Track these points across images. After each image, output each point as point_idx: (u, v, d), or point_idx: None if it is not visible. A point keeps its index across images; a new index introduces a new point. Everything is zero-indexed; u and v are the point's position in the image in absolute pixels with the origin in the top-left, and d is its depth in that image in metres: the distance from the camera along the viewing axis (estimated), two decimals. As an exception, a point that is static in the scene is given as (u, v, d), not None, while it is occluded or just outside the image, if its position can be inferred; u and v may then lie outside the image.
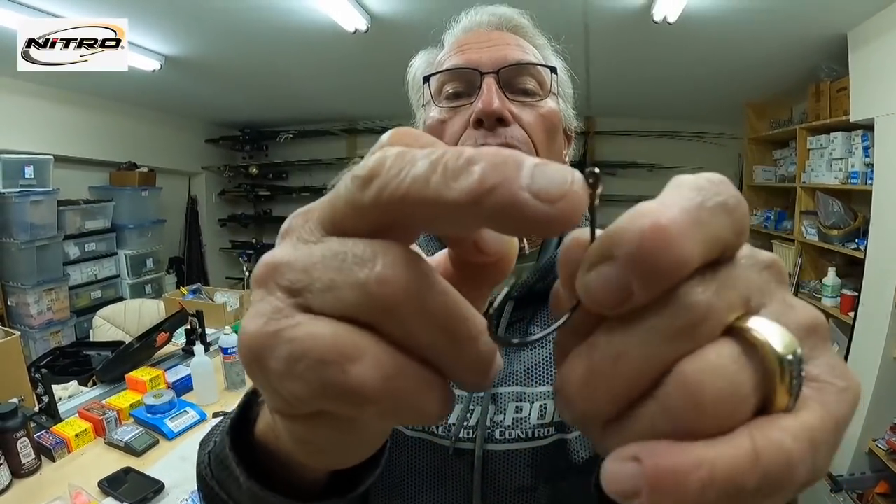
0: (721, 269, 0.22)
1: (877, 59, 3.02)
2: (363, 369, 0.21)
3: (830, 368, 0.23)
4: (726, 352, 0.21)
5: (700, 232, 0.21)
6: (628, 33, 3.41)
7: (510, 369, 0.79)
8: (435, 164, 0.21)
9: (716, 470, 0.19)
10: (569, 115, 0.91)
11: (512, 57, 0.80)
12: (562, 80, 0.88)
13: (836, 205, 3.57)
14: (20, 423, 1.67)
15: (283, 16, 3.23)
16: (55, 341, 4.37)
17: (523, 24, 0.86)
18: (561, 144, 0.87)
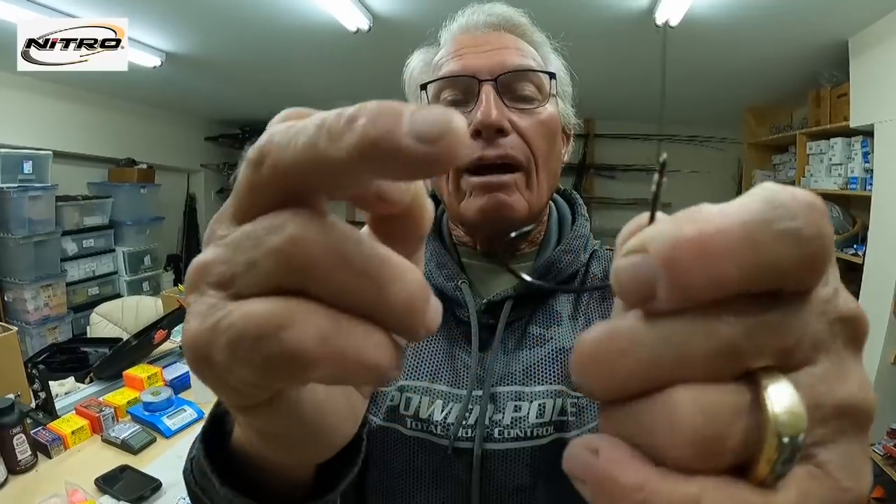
0: (775, 306, 0.20)
1: (877, 65, 3.03)
2: (298, 333, 0.21)
3: (845, 462, 0.21)
4: (729, 400, 0.19)
5: (752, 256, 0.19)
6: (630, 37, 3.41)
7: (509, 369, 0.79)
8: (319, 128, 0.22)
9: (650, 501, 0.19)
10: (567, 113, 0.90)
11: (510, 63, 0.78)
12: (560, 79, 0.87)
13: (835, 210, 3.58)
14: (16, 420, 1.66)
15: (285, 14, 3.22)
16: (52, 337, 4.36)
17: (521, 24, 0.85)
18: (560, 148, 0.86)
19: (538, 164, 0.79)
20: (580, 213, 0.93)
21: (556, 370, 0.78)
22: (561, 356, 0.79)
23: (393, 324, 0.23)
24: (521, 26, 0.85)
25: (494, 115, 0.74)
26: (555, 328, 0.82)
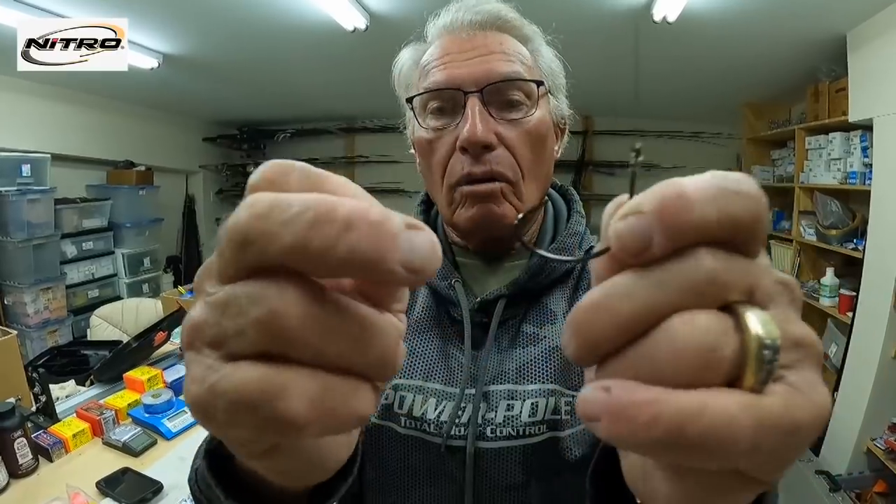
0: (738, 257, 0.24)
1: (876, 59, 3.02)
2: (290, 402, 0.23)
3: (808, 383, 0.24)
4: (716, 321, 0.23)
5: (716, 204, 0.23)
6: (628, 33, 3.41)
7: (502, 367, 0.80)
8: (310, 226, 0.22)
9: (663, 410, 0.22)
10: (560, 108, 0.89)
11: (496, 72, 0.77)
12: (552, 72, 0.86)
13: (834, 205, 3.58)
14: (17, 423, 1.66)
15: (282, 14, 3.22)
16: (52, 340, 4.35)
17: (510, 20, 0.82)
18: (551, 148, 0.85)
19: (524, 173, 0.79)
20: (576, 209, 0.93)
21: (549, 369, 0.79)
22: (554, 355, 0.79)
23: (372, 375, 0.26)
24: (509, 22, 0.82)
25: (479, 132, 0.74)
26: (548, 327, 0.82)
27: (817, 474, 2.96)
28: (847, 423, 3.19)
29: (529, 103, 0.79)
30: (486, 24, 0.81)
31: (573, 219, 0.91)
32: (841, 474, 3.06)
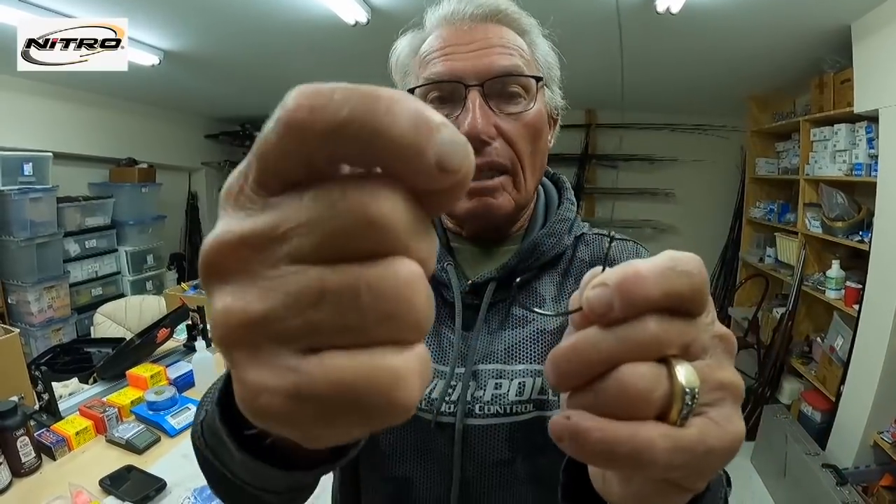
0: (679, 321, 0.31)
1: (881, 50, 3.00)
2: (409, 390, 0.22)
3: (725, 417, 0.32)
4: (653, 370, 0.30)
5: (663, 283, 0.30)
6: (631, 24, 3.39)
7: (491, 348, 0.83)
8: (362, 101, 0.22)
9: (604, 437, 0.29)
10: (553, 99, 0.91)
11: (497, 66, 0.78)
12: (548, 64, 0.89)
13: (839, 197, 3.55)
14: (20, 422, 1.65)
15: (283, 8, 3.21)
16: (56, 339, 4.36)
17: (509, 13, 0.83)
18: (545, 143, 0.87)
19: (524, 164, 0.82)
20: (566, 196, 0.96)
21: (536, 350, 0.82)
22: (542, 337, 0.83)
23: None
24: (509, 15, 0.83)
25: (480, 126, 0.76)
26: (537, 309, 0.87)
27: (824, 468, 2.94)
28: (854, 416, 3.18)
29: (528, 97, 0.81)
30: (486, 16, 0.81)
31: (563, 205, 0.93)
32: (848, 468, 3.05)
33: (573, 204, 0.95)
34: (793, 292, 4.03)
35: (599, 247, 0.92)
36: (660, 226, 6.05)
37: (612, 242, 0.88)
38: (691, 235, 6.07)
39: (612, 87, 5.05)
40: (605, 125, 6.05)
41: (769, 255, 4.92)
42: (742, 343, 4.74)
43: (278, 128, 0.23)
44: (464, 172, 0.23)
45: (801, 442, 3.26)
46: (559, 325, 0.83)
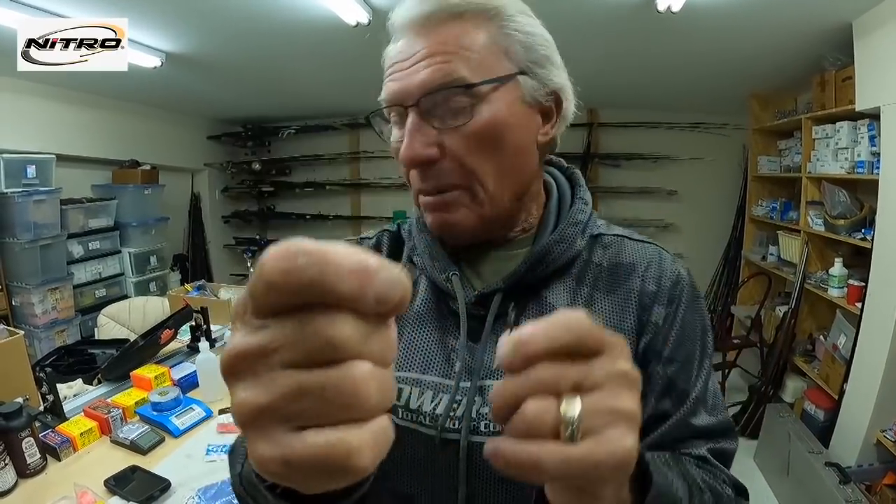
0: (574, 364, 0.38)
1: (882, 47, 3.00)
2: (360, 458, 0.30)
3: (614, 437, 0.38)
4: (545, 404, 0.37)
5: (546, 342, 0.37)
6: (632, 25, 3.39)
7: (493, 361, 0.79)
8: (322, 261, 0.30)
9: (514, 453, 0.37)
10: (546, 82, 0.79)
11: (431, 81, 0.72)
12: (530, 45, 0.77)
13: (842, 195, 3.55)
14: (25, 423, 1.66)
15: (285, 10, 3.21)
16: (60, 340, 4.37)
17: (457, 8, 0.74)
18: (514, 144, 0.78)
19: (480, 177, 0.76)
20: (579, 195, 0.90)
21: None
22: None
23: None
24: (457, 9, 0.74)
25: (412, 152, 0.74)
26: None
27: (827, 466, 2.94)
28: (856, 414, 3.17)
29: (476, 101, 0.74)
30: (430, 18, 0.74)
31: (575, 206, 0.88)
32: (851, 466, 3.04)
33: (587, 203, 0.89)
34: (795, 290, 4.03)
35: (619, 250, 0.87)
36: (662, 224, 6.05)
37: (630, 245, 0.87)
38: (694, 234, 6.06)
39: (614, 87, 5.05)
40: (607, 124, 6.04)
41: (772, 253, 4.92)
42: (745, 342, 4.75)
43: (261, 284, 0.30)
44: (397, 302, 0.31)
45: (804, 440, 3.26)
46: None
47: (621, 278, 0.84)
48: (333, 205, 6.98)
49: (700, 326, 0.83)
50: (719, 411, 0.81)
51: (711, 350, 0.85)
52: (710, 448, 0.78)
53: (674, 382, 0.78)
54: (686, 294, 0.83)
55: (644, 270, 0.84)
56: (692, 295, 0.84)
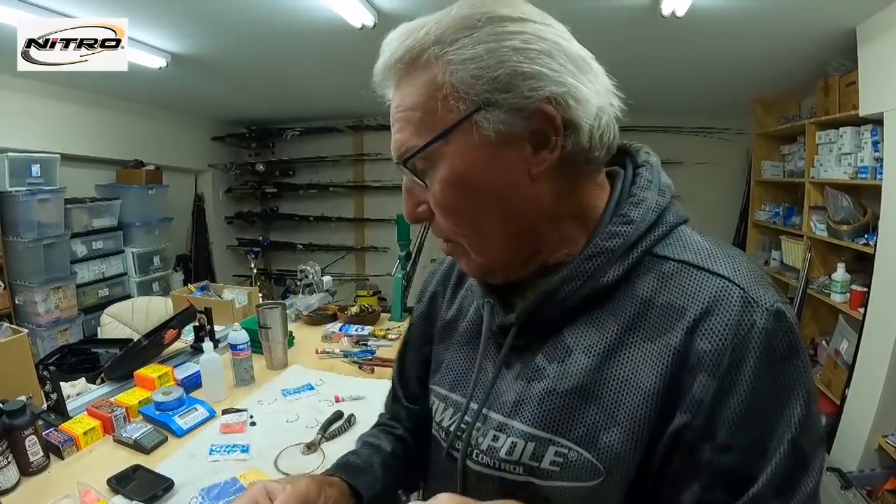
0: None
1: (886, 53, 3.00)
2: None
3: None
4: None
5: None
6: (636, 28, 3.39)
7: (505, 397, 0.76)
8: None
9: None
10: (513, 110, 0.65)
11: (400, 146, 0.70)
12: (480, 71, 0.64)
13: (845, 200, 3.55)
14: (28, 421, 1.66)
15: (290, 12, 3.22)
16: (63, 339, 4.39)
17: (403, 58, 0.70)
18: (490, 188, 0.68)
19: (462, 233, 0.72)
20: (622, 210, 0.73)
21: (539, 411, 0.72)
22: (551, 398, 0.71)
23: None
24: (404, 64, 0.71)
25: (407, 212, 0.75)
26: (556, 364, 0.72)
27: (828, 471, 2.94)
28: (858, 420, 3.17)
29: (430, 164, 0.69)
30: (387, 74, 0.73)
31: (612, 225, 0.72)
32: (852, 471, 3.04)
33: (627, 223, 0.71)
34: (798, 295, 4.03)
35: (678, 283, 0.68)
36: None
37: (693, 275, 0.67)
38: (696, 238, 6.06)
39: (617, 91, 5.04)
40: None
41: (774, 257, 4.91)
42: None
43: None
44: None
45: (805, 445, 3.25)
46: (575, 386, 0.69)
47: (666, 322, 0.66)
48: (337, 206, 6.99)
49: (792, 398, 0.61)
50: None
51: (816, 430, 0.63)
52: None
53: (729, 474, 0.61)
54: (760, 354, 0.60)
55: (698, 317, 0.64)
56: (775, 355, 0.61)
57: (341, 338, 2.90)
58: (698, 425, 0.61)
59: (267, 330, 2.47)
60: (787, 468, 0.59)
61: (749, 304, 0.62)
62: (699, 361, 0.62)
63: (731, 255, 0.70)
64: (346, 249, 7.08)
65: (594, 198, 0.75)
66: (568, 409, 0.69)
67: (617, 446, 0.65)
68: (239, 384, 2.35)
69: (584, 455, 0.66)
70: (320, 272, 3.73)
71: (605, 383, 0.67)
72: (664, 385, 0.63)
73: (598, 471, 0.65)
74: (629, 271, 0.70)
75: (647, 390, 0.64)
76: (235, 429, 1.96)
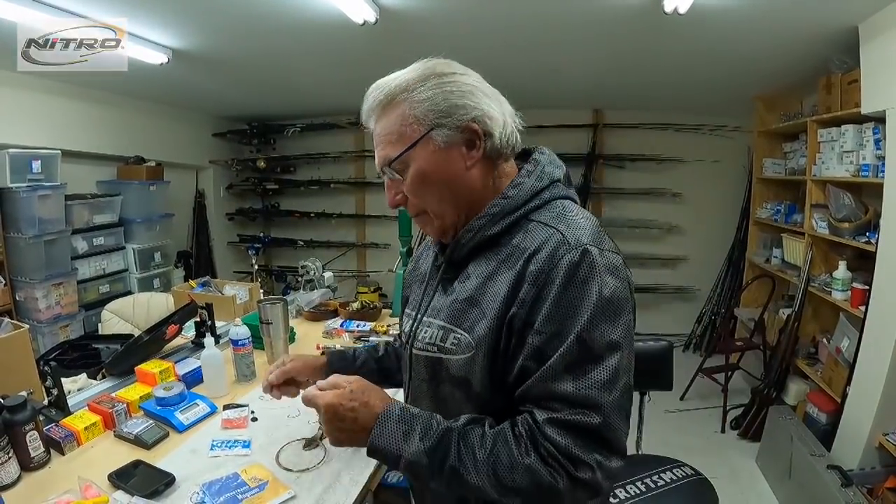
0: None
1: (888, 50, 2.99)
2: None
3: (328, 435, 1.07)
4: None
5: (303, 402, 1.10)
6: (638, 24, 3.39)
7: (433, 305, 1.20)
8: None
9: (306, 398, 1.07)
10: (457, 125, 1.06)
11: (379, 161, 1.14)
12: (431, 108, 1.06)
13: (846, 198, 3.55)
14: (29, 416, 1.66)
15: (291, 8, 3.22)
16: (64, 335, 4.39)
17: (377, 105, 1.11)
18: (446, 180, 1.10)
19: (430, 206, 1.13)
20: (505, 189, 1.12)
21: (447, 312, 1.13)
22: (455, 304, 1.12)
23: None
24: (378, 106, 1.11)
25: (390, 200, 1.17)
26: (460, 284, 1.14)
27: (829, 469, 2.94)
28: (859, 417, 3.17)
29: (404, 165, 1.10)
30: (369, 117, 1.14)
31: (493, 202, 1.12)
32: (853, 469, 3.04)
33: (504, 198, 1.11)
34: (799, 293, 4.03)
35: (531, 234, 1.06)
36: (667, 226, 6.04)
37: (539, 229, 1.06)
38: (698, 236, 6.07)
39: (620, 88, 5.05)
40: (612, 125, 6.04)
41: (776, 255, 4.91)
42: (748, 344, 4.75)
43: None
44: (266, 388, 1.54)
45: (806, 443, 3.26)
46: (468, 296, 1.09)
47: (518, 257, 1.03)
48: (338, 203, 6.99)
49: (584, 306, 0.94)
50: (590, 388, 0.93)
51: (604, 332, 0.95)
52: (556, 418, 0.94)
53: (540, 350, 0.96)
54: (563, 275, 0.96)
55: (532, 253, 1.01)
56: (577, 277, 0.96)
57: (342, 333, 2.91)
58: (523, 315, 0.99)
59: (268, 325, 2.47)
60: (574, 354, 0.94)
61: (563, 244, 0.99)
62: (527, 277, 0.99)
63: (575, 220, 1.06)
64: (346, 246, 7.09)
65: (500, 182, 1.14)
66: (462, 310, 1.09)
67: (483, 331, 1.04)
68: (240, 380, 2.35)
69: (467, 337, 1.06)
70: (321, 268, 3.73)
71: (483, 295, 1.06)
72: (510, 292, 1.01)
73: (471, 346, 1.05)
74: (509, 227, 1.09)
75: (501, 297, 1.02)
76: (237, 424, 1.96)
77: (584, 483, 0.93)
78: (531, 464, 0.94)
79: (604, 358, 0.94)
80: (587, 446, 0.93)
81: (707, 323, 5.97)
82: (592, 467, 0.92)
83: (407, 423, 1.03)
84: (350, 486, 1.61)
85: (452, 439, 1.00)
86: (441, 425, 1.02)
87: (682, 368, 3.65)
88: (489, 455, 0.97)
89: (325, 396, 1.05)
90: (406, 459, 1.00)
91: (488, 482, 0.96)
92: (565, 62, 4.11)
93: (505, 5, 3.15)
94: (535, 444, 0.95)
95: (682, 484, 2.36)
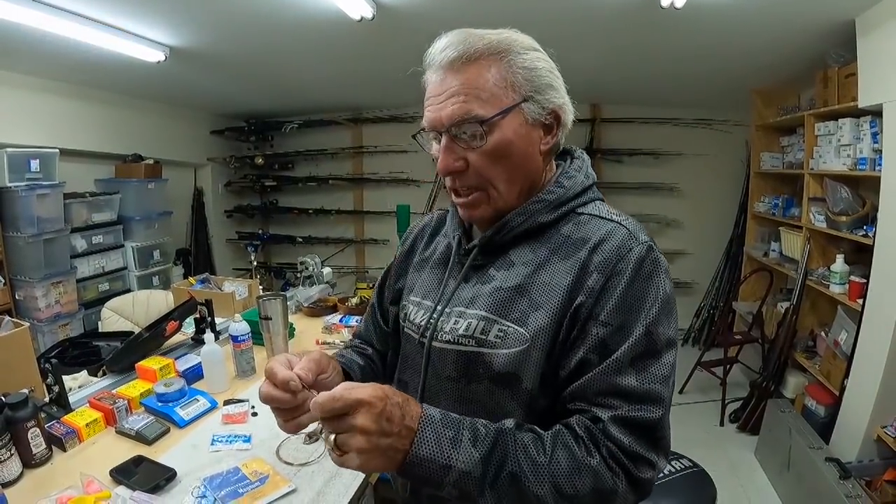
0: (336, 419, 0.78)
1: (885, 44, 3.00)
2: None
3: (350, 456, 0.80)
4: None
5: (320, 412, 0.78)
6: (635, 18, 3.39)
7: (463, 295, 1.09)
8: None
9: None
10: (545, 105, 1.02)
11: (455, 115, 0.96)
12: (530, 77, 0.99)
13: (844, 191, 3.56)
14: (31, 414, 1.67)
15: (288, 4, 3.22)
16: (64, 334, 4.38)
17: (475, 52, 0.96)
18: (521, 156, 1.02)
19: (494, 182, 1.02)
20: (555, 180, 1.09)
21: (490, 302, 1.03)
22: (498, 293, 1.03)
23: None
24: (475, 54, 0.97)
25: (444, 167, 1.01)
26: (503, 272, 1.06)
27: (827, 461, 2.95)
28: (857, 410, 3.18)
29: (486, 130, 0.97)
30: (452, 63, 0.98)
31: (545, 189, 1.08)
32: (851, 462, 3.06)
33: (560, 187, 1.07)
34: (797, 286, 4.04)
35: (585, 226, 1.04)
36: (665, 220, 6.05)
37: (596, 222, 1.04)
38: (696, 230, 6.07)
39: (617, 82, 5.05)
40: (610, 119, 6.04)
41: (774, 249, 4.92)
42: (746, 337, 4.75)
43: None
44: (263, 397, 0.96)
45: (804, 436, 3.27)
46: (515, 285, 1.02)
47: (576, 248, 1.00)
48: (336, 199, 6.99)
49: (649, 300, 0.93)
50: (653, 382, 0.91)
51: (665, 329, 0.94)
52: (619, 416, 0.89)
53: (604, 342, 0.92)
54: (632, 268, 0.94)
55: (597, 243, 0.98)
56: (643, 271, 0.95)
57: (342, 328, 2.91)
58: (589, 305, 0.94)
59: (268, 321, 2.48)
60: (641, 347, 0.91)
61: (631, 237, 0.98)
62: (595, 267, 0.96)
63: (623, 215, 1.05)
64: (345, 242, 7.08)
65: (550, 172, 1.11)
66: (508, 300, 1.01)
67: (539, 322, 0.97)
68: (240, 375, 2.36)
69: (517, 329, 0.98)
70: (320, 264, 3.74)
71: (533, 285, 1.00)
72: (572, 282, 0.96)
73: (526, 339, 0.97)
74: (558, 220, 1.06)
75: (561, 287, 0.97)
76: (237, 419, 1.97)
77: (642, 483, 0.90)
78: (596, 466, 0.86)
79: (663, 354, 0.93)
80: (648, 444, 0.90)
81: (705, 316, 5.98)
82: (653, 464, 0.91)
83: (452, 426, 0.85)
84: (350, 480, 1.62)
85: (509, 443, 0.86)
86: (490, 428, 0.88)
87: (680, 362, 3.62)
88: (550, 460, 0.86)
89: (365, 389, 0.79)
90: (458, 470, 0.82)
91: (548, 490, 0.84)
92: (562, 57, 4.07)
93: (501, 0, 3.15)
94: (596, 445, 0.88)
95: (680, 476, 2.37)
